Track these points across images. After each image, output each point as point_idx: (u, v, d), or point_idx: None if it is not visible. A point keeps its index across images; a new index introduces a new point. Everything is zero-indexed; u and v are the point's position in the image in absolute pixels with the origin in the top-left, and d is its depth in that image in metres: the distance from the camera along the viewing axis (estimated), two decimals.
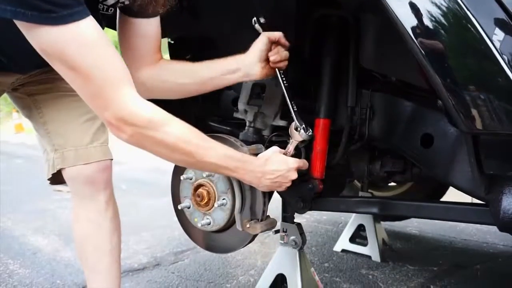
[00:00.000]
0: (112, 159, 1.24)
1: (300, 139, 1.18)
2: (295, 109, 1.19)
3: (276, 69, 1.17)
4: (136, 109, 0.85)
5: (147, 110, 0.87)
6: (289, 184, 1.13)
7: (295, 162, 1.13)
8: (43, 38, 0.77)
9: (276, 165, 1.08)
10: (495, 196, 0.89)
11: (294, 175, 1.12)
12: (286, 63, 1.17)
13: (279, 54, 1.14)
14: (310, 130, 1.20)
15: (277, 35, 1.14)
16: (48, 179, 1.23)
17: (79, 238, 1.25)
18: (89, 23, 0.80)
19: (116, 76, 0.84)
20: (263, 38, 1.13)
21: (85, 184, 1.18)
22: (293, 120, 1.19)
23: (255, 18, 1.13)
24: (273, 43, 1.14)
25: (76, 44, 0.78)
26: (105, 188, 1.21)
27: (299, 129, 1.17)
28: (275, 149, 1.14)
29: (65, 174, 1.19)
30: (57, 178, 1.22)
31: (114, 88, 0.83)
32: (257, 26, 1.14)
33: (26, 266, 2.12)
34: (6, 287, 1.87)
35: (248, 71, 1.14)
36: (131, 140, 0.88)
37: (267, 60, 1.15)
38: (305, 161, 1.21)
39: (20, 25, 0.76)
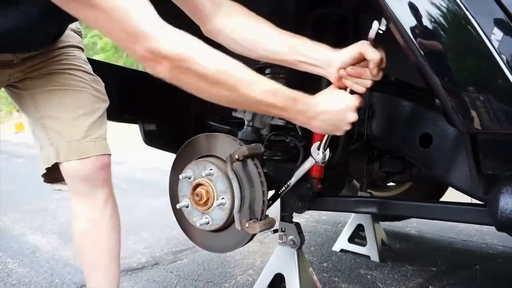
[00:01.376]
0: (110, 155, 1.22)
1: (314, 162, 1.14)
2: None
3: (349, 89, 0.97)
4: (167, 38, 0.77)
5: (178, 39, 0.78)
6: (348, 127, 0.95)
7: (355, 100, 0.94)
8: None
9: (333, 104, 0.93)
10: (493, 196, 0.89)
11: (354, 116, 0.94)
12: (362, 91, 0.96)
13: (364, 78, 0.94)
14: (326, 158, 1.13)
15: (379, 57, 0.90)
16: (42, 176, 1.22)
17: (77, 235, 1.25)
18: None
19: (132, 5, 0.75)
20: (364, 47, 0.91)
21: (83, 182, 1.17)
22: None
23: (376, 21, 0.91)
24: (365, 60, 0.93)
25: None
26: (103, 186, 1.20)
27: (320, 154, 1.11)
28: (331, 87, 0.99)
29: (63, 171, 1.18)
30: (52, 176, 1.21)
31: (134, 19, 0.75)
32: (373, 30, 0.91)
33: (25, 265, 2.12)
34: (5, 286, 1.86)
35: (324, 67, 0.97)
36: (171, 74, 0.80)
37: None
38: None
39: None
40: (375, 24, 0.91)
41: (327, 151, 1.10)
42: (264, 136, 1.35)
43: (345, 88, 0.97)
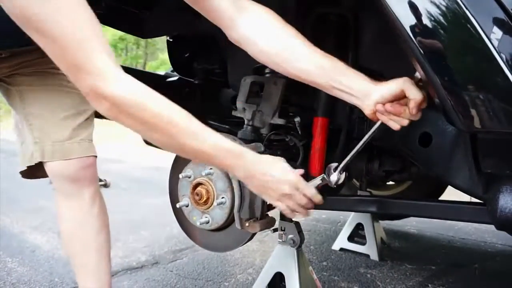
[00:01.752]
0: (96, 156, 1.21)
1: (327, 181, 1.01)
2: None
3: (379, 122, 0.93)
4: (113, 80, 0.76)
5: (122, 83, 0.77)
6: (277, 201, 0.94)
7: (296, 178, 0.93)
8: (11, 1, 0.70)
9: (272, 169, 0.92)
10: (493, 194, 0.90)
11: (288, 190, 0.92)
12: (397, 128, 0.91)
13: (401, 116, 0.89)
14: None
15: (422, 97, 0.85)
16: (21, 172, 1.22)
17: (65, 236, 1.25)
18: None
19: (86, 38, 0.74)
20: (406, 85, 0.86)
21: (68, 182, 1.17)
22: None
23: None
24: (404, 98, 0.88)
25: (45, 7, 0.70)
26: (89, 185, 1.20)
27: (335, 176, 1.00)
28: (283, 160, 0.98)
29: (48, 171, 1.17)
30: (32, 172, 1.21)
31: (90, 55, 0.74)
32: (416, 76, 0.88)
33: (25, 264, 2.12)
34: (5, 285, 1.86)
35: (361, 97, 0.90)
36: (109, 113, 0.79)
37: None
38: (320, 197, 0.98)
39: None
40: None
41: (343, 174, 1.01)
42: (264, 135, 1.35)
43: (377, 120, 0.93)
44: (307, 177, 1.37)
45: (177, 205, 1.26)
